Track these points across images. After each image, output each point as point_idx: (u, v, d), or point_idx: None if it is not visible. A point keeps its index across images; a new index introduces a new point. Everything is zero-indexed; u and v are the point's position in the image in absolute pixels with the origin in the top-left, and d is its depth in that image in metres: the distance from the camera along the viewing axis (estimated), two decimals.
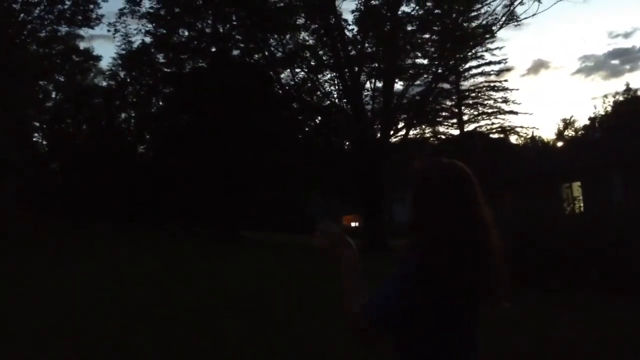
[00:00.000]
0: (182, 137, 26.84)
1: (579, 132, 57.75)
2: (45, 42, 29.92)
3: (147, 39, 29.16)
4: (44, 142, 37.68)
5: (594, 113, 60.51)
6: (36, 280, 9.79)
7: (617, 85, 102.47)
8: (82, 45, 35.50)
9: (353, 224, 52.18)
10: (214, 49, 28.67)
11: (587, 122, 57.15)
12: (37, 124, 37.34)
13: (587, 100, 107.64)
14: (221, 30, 28.49)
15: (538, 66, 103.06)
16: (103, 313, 7.31)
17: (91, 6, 27.92)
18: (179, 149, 26.25)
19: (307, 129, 30.13)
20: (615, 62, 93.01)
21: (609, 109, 53.25)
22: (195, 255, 16.14)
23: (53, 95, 37.86)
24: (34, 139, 36.74)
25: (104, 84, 35.42)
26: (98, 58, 38.06)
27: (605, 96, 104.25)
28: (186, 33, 28.96)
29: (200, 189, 25.54)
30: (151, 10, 28.12)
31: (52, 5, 27.19)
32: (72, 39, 32.03)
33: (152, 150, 32.14)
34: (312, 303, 8.32)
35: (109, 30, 39.49)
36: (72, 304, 7.76)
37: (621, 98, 53.00)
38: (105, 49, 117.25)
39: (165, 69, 29.89)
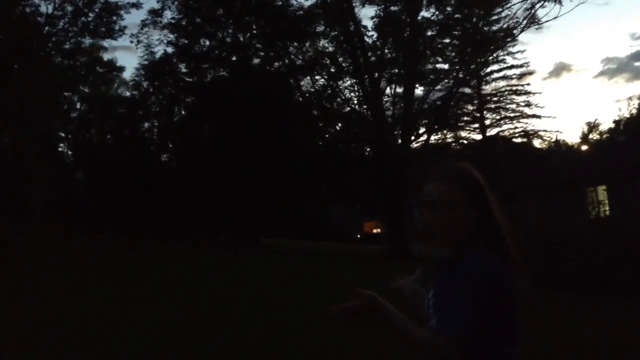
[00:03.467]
0: (204, 146, 27.10)
1: (604, 136, 56.83)
2: (70, 54, 30.50)
3: (169, 49, 29.58)
4: (70, 153, 38.39)
5: (618, 116, 59.44)
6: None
7: None
8: (106, 56, 36.17)
9: (375, 231, 52.02)
10: (234, 58, 28.92)
11: (612, 125, 56.26)
12: (63, 135, 38.09)
13: (611, 103, 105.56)
14: (241, 39, 28.74)
15: (560, 69, 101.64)
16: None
17: (114, 18, 28.40)
18: (201, 157, 26.48)
19: (327, 136, 30.17)
20: (639, 64, 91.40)
21: (634, 111, 52.32)
22: (230, 264, 16.23)
23: (78, 106, 38.58)
24: (60, 150, 37.46)
25: (128, 94, 36.02)
26: (121, 69, 38.83)
27: (630, 98, 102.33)
28: (207, 43, 29.27)
29: (222, 198, 25.73)
30: (173, 21, 28.52)
31: (76, 18, 27.72)
32: (96, 50, 32.64)
33: (175, 159, 32.49)
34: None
35: (131, 42, 40.04)
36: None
37: None
38: (128, 59, 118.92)
39: (187, 79, 30.22)
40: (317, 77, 28.61)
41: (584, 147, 54.41)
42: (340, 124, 30.13)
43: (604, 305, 9.23)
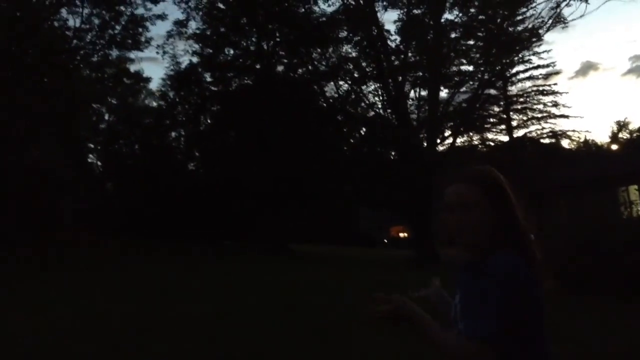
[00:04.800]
0: (230, 153, 27.34)
1: (634, 134, 55.63)
2: (97, 66, 31.11)
3: (194, 59, 29.94)
4: (99, 163, 39.09)
5: None
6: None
7: None
8: (133, 68, 36.77)
9: (402, 235, 51.69)
10: (258, 66, 29.14)
11: None
12: (92, 146, 38.81)
13: None
14: (265, 47, 28.95)
15: (587, 68, 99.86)
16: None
17: (140, 30, 28.90)
18: (227, 165, 26.71)
19: (352, 141, 30.17)
20: None
21: None
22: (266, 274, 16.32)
23: (106, 117, 39.29)
24: (89, 160, 38.19)
25: (154, 104, 36.55)
26: (148, 80, 39.37)
27: None
28: (232, 52, 29.57)
29: (250, 205, 25.88)
30: (197, 32, 28.91)
31: (103, 31, 28.30)
32: (123, 62, 33.23)
33: (202, 167, 32.82)
34: None
35: (157, 52, 40.92)
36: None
37: None
38: (154, 70, 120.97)
39: (213, 88, 30.55)
40: (340, 83, 28.69)
41: (614, 147, 53.38)
42: (364, 129, 30.11)
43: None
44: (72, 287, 11.12)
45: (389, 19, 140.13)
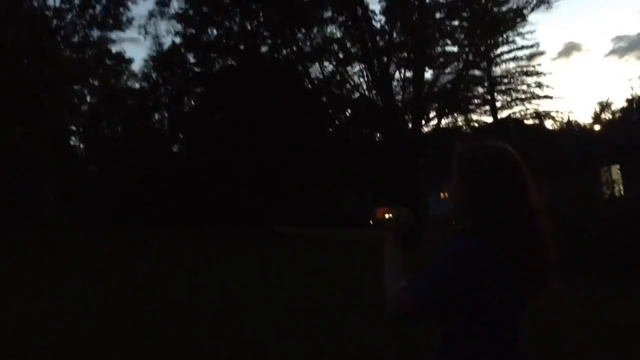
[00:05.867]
0: (215, 136, 27.13)
1: (617, 115, 56.09)
2: (78, 47, 30.60)
3: (177, 40, 29.57)
4: (81, 146, 38.55)
5: (631, 94, 58.62)
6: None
7: None
8: (114, 48, 36.21)
9: (387, 216, 51.63)
10: (242, 47, 28.83)
11: (625, 104, 55.43)
12: (74, 128, 38.22)
13: (623, 81, 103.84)
14: (249, 27, 28.63)
15: (570, 49, 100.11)
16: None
17: (121, 9, 28.45)
18: (212, 147, 26.52)
19: (337, 123, 30.08)
20: None
21: None
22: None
23: (88, 100, 38.68)
24: (72, 143, 37.63)
25: (137, 86, 36.04)
26: (130, 61, 38.76)
27: None
28: (215, 32, 29.19)
29: (234, 187, 25.77)
30: (180, 11, 28.51)
31: (84, 10, 27.80)
32: (104, 42, 32.70)
33: (186, 150, 32.55)
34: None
35: (139, 33, 40.12)
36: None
37: None
38: (136, 51, 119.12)
39: (196, 69, 30.21)
40: (325, 64, 28.48)
41: (597, 127, 53.80)
42: (350, 110, 29.99)
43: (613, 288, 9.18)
44: (54, 271, 11.06)
45: None
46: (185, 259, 14.07)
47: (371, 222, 2.05)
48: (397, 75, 27.49)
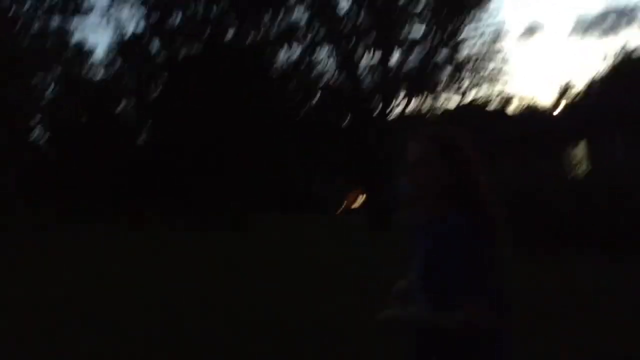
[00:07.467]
0: (181, 123, 26.74)
1: (579, 95, 57.25)
2: (39, 35, 29.70)
3: (141, 25, 28.96)
4: (44, 133, 37.57)
5: (593, 74, 59.85)
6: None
7: (614, 44, 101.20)
8: (77, 36, 35.29)
9: (358, 201, 52.04)
10: (208, 32, 28.40)
11: (587, 83, 56.59)
12: (37, 116, 37.23)
13: (586, 61, 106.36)
14: (214, 10, 28.20)
15: (533, 29, 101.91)
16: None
17: None
18: (179, 136, 26.17)
19: (305, 107, 29.97)
20: (611, 20, 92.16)
21: (608, 68, 52.77)
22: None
23: (51, 87, 37.65)
24: (34, 131, 36.68)
25: (101, 72, 35.21)
26: (92, 49, 37.75)
27: (604, 57, 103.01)
28: (180, 17, 28.68)
29: (202, 176, 25.53)
30: None
31: None
32: (66, 29, 31.79)
33: (152, 138, 32.02)
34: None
35: (102, 18, 38.98)
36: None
37: (620, 57, 52.57)
38: (98, 38, 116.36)
39: (161, 55, 29.67)
40: (292, 49, 28.26)
41: (560, 107, 54.94)
42: (318, 95, 29.90)
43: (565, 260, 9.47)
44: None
45: None
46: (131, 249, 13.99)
47: (343, 206, 2.05)
48: (364, 60, 27.48)
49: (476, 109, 37.95)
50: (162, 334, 5.82)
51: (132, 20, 38.68)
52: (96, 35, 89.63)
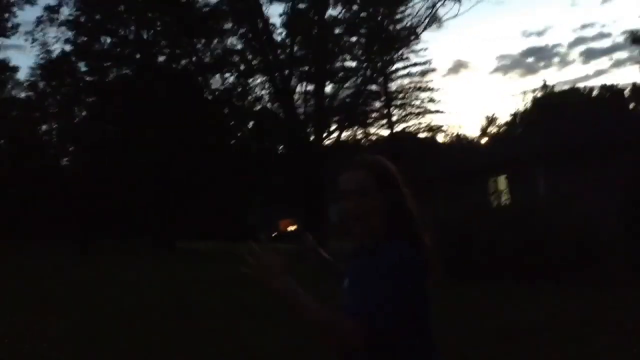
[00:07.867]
0: (108, 148, 25.90)
1: (502, 129, 60.12)
2: None
3: (67, 48, 28.09)
4: None
5: (514, 110, 63.22)
6: None
7: (533, 82, 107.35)
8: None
9: (290, 228, 51.93)
10: (138, 56, 27.91)
11: (509, 118, 59.63)
12: None
13: (507, 97, 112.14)
14: (145, 36, 27.78)
15: (458, 66, 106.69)
16: None
17: (6, 15, 26.64)
18: (106, 161, 25.33)
19: (239, 134, 29.82)
20: (530, 59, 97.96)
21: (529, 105, 55.90)
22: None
23: None
24: None
25: (23, 95, 33.75)
26: (15, 69, 36.11)
27: (524, 93, 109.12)
28: (108, 40, 28.08)
29: (131, 202, 24.77)
30: (70, 18, 27.13)
31: None
32: None
33: (76, 163, 30.85)
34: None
35: (26, 40, 37.54)
36: None
37: (539, 94, 55.91)
38: (22, 59, 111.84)
39: (88, 78, 28.82)
40: (226, 75, 28.18)
41: (484, 140, 57.43)
42: (252, 122, 29.85)
43: (514, 291, 9.73)
44: None
45: (275, 12, 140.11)
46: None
47: (274, 234, 1.98)
48: (298, 88, 27.77)
49: (408, 137, 39.19)
50: None
51: (58, 42, 37.56)
52: (19, 56, 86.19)
